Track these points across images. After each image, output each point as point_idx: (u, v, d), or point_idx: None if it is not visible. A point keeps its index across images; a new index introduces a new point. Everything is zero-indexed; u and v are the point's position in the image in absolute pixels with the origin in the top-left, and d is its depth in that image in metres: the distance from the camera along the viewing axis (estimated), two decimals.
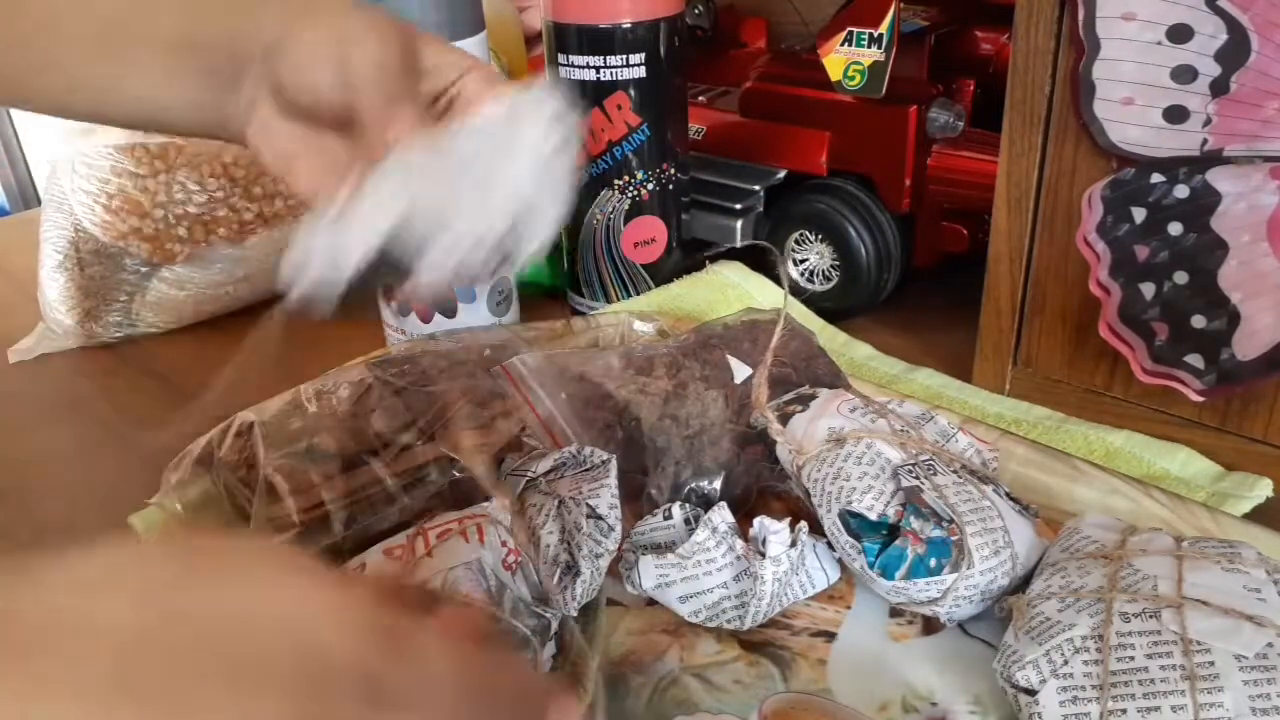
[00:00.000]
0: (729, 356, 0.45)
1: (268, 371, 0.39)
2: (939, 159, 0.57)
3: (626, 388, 0.43)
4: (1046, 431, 0.48)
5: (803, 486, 0.38)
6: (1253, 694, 0.28)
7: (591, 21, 0.55)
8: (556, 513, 0.38)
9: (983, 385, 0.52)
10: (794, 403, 0.41)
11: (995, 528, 0.35)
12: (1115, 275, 0.44)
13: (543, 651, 0.35)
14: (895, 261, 0.60)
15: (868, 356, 0.57)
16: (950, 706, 0.34)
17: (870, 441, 0.38)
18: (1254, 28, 0.39)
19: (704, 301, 0.60)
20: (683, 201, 0.62)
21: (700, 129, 0.66)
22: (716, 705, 0.34)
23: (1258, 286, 0.41)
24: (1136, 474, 0.43)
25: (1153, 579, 0.32)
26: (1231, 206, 0.41)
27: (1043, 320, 0.49)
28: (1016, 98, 0.46)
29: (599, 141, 0.58)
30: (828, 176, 0.60)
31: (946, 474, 0.37)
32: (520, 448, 0.42)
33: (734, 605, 0.37)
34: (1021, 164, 0.47)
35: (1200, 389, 0.43)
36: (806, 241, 0.62)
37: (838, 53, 0.55)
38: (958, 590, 0.35)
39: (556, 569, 0.37)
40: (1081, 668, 0.30)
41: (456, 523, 0.36)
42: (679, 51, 0.58)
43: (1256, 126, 0.40)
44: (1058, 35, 0.44)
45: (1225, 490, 0.43)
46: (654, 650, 0.37)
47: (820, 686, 0.35)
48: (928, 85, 0.57)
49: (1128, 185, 0.43)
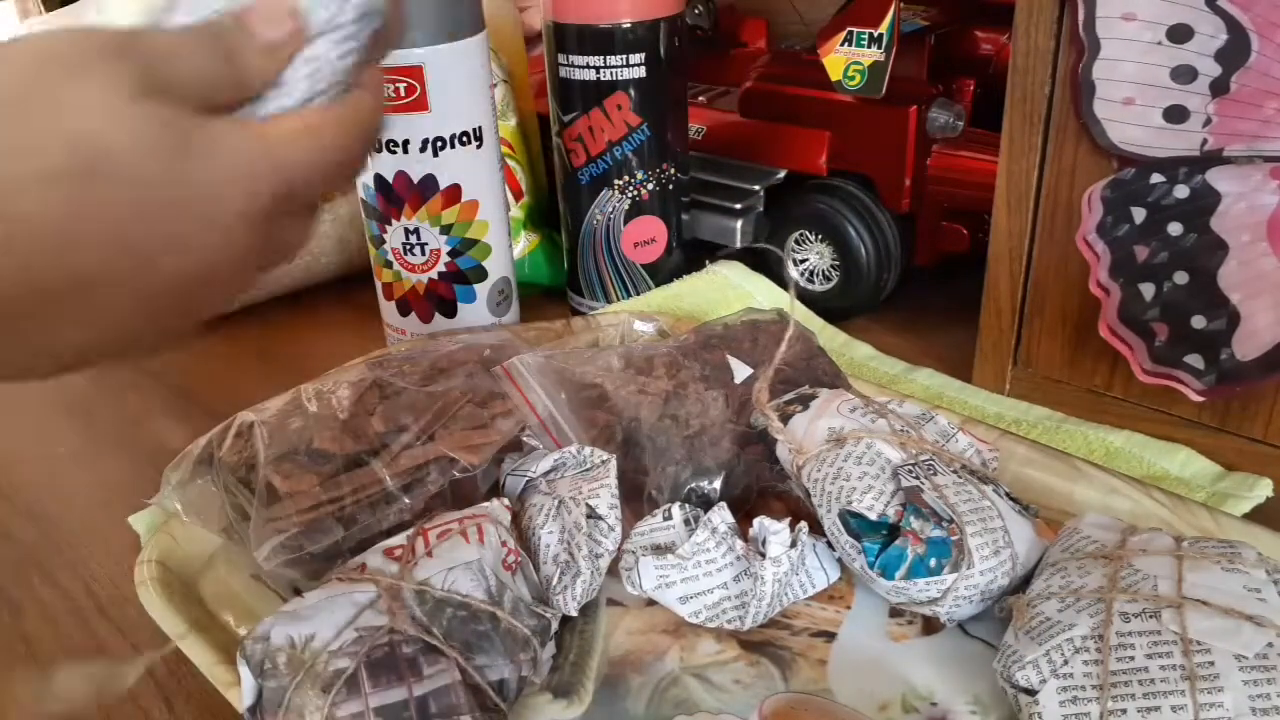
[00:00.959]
0: (729, 356, 0.45)
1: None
2: (939, 159, 0.57)
3: (626, 387, 0.43)
4: (1046, 431, 0.48)
5: (803, 486, 0.38)
6: (1253, 694, 0.28)
7: (591, 21, 0.55)
8: (556, 513, 0.38)
9: (983, 385, 0.52)
10: (794, 403, 0.41)
11: (995, 528, 0.35)
12: (1115, 275, 0.44)
13: (543, 651, 0.35)
14: (895, 261, 0.60)
15: (868, 356, 0.57)
16: (950, 706, 0.34)
17: (870, 441, 0.38)
18: (1254, 28, 0.39)
19: (704, 301, 0.60)
20: (683, 201, 0.62)
21: (700, 129, 0.66)
22: (716, 705, 0.34)
23: (1258, 286, 0.41)
24: (1136, 474, 0.43)
25: (1153, 579, 0.32)
26: (1231, 206, 0.41)
27: (1043, 320, 0.49)
28: (1016, 98, 0.46)
29: (599, 141, 0.58)
30: (828, 176, 0.60)
31: (946, 474, 0.37)
32: (520, 448, 0.42)
33: (734, 606, 0.37)
34: (1021, 164, 0.47)
35: (1200, 389, 0.43)
36: (806, 241, 0.62)
37: (838, 53, 0.55)
38: (958, 590, 0.35)
39: (556, 569, 0.37)
40: (1081, 668, 0.30)
41: (456, 523, 0.36)
42: (679, 51, 0.58)
43: (1256, 126, 0.40)
44: (1058, 35, 0.44)
45: (1225, 490, 0.43)
46: (654, 650, 0.37)
47: (820, 686, 0.35)
48: (928, 85, 0.57)
49: (1128, 185, 0.43)
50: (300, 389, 0.42)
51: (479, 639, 0.32)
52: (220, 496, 0.40)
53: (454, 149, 0.53)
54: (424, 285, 0.56)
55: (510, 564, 0.36)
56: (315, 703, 0.30)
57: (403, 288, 0.57)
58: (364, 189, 0.55)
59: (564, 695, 0.35)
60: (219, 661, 0.35)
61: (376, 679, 0.30)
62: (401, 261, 0.56)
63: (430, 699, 0.30)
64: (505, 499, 0.39)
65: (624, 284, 0.62)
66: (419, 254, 0.55)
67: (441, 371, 0.44)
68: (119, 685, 0.38)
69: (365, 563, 0.35)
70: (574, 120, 0.58)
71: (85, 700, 0.37)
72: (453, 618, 0.32)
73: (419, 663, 0.31)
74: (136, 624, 0.40)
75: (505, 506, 0.38)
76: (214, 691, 0.34)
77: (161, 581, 0.39)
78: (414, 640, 0.31)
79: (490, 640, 0.32)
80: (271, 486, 0.38)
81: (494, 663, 0.32)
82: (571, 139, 0.59)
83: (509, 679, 0.33)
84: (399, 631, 0.31)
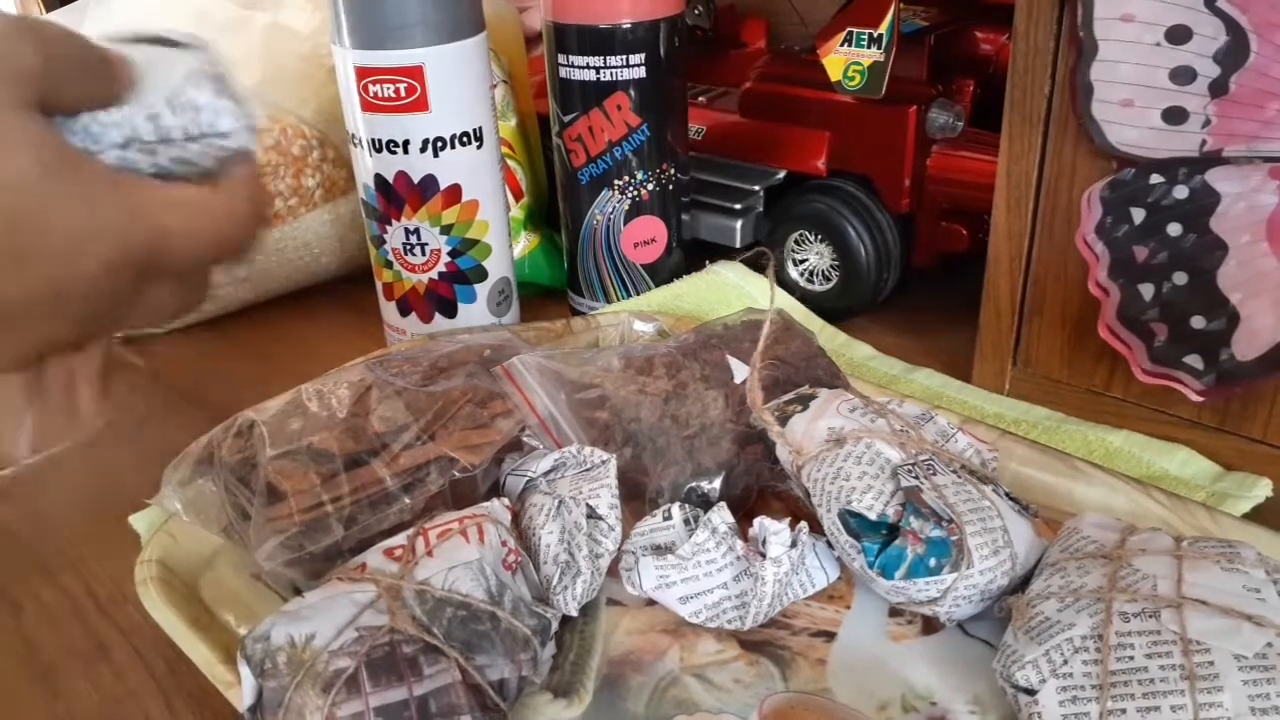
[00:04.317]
0: (729, 356, 0.45)
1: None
2: (938, 159, 0.57)
3: (626, 387, 0.43)
4: (1046, 431, 0.48)
5: (803, 486, 0.39)
6: (1252, 694, 0.28)
7: (591, 22, 0.55)
8: (556, 513, 0.38)
9: (982, 385, 0.52)
10: (794, 403, 0.41)
11: (995, 527, 0.35)
12: (1114, 276, 0.44)
13: (543, 651, 0.35)
14: (895, 261, 0.60)
15: (868, 356, 0.57)
16: (950, 706, 0.34)
17: (870, 441, 0.38)
18: (1253, 28, 0.39)
19: (704, 301, 0.60)
20: (683, 201, 0.62)
21: (700, 129, 0.66)
22: (716, 705, 0.34)
23: (1257, 287, 0.41)
24: (1136, 474, 0.43)
25: (1152, 579, 0.32)
26: (1231, 207, 0.41)
27: (1042, 320, 0.49)
28: (1016, 98, 0.46)
29: (599, 142, 0.58)
30: (827, 177, 0.60)
31: (946, 474, 0.37)
32: (520, 448, 0.42)
33: (734, 605, 0.37)
34: (1021, 164, 0.47)
35: (1200, 389, 0.43)
36: (806, 241, 0.62)
37: (837, 53, 0.55)
38: (957, 590, 0.35)
39: (557, 569, 0.37)
40: (1081, 667, 0.30)
41: (456, 523, 0.36)
42: (679, 51, 0.58)
43: (1256, 127, 0.40)
44: (1058, 35, 0.44)
45: (1225, 490, 0.43)
46: (654, 650, 0.37)
47: (820, 686, 0.35)
48: (927, 85, 0.57)
49: (1127, 186, 0.43)
50: (301, 389, 0.42)
51: (479, 639, 0.32)
52: (220, 496, 0.40)
53: (454, 149, 0.53)
54: (424, 285, 0.56)
55: (510, 564, 0.36)
56: (315, 702, 0.30)
57: (403, 288, 0.57)
58: (364, 189, 0.55)
59: (564, 695, 0.35)
60: (219, 661, 0.35)
61: (377, 679, 0.30)
62: (402, 261, 0.56)
63: (430, 699, 0.30)
64: (505, 499, 0.39)
65: (624, 284, 0.62)
66: (419, 254, 0.55)
67: (441, 371, 0.44)
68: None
69: (365, 562, 0.35)
70: (574, 120, 0.58)
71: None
72: (453, 617, 0.32)
73: (419, 662, 0.31)
74: (136, 624, 0.41)
75: (505, 506, 0.38)
76: (214, 691, 0.34)
77: (161, 581, 0.39)
78: (414, 640, 0.31)
79: (490, 640, 0.32)
80: (272, 486, 0.38)
81: (494, 662, 0.32)
82: (571, 139, 0.59)
83: (509, 679, 0.33)
84: (399, 631, 0.31)
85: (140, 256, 0.26)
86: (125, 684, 0.39)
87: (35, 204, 0.23)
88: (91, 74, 0.26)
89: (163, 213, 0.26)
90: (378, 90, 0.51)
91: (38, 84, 0.24)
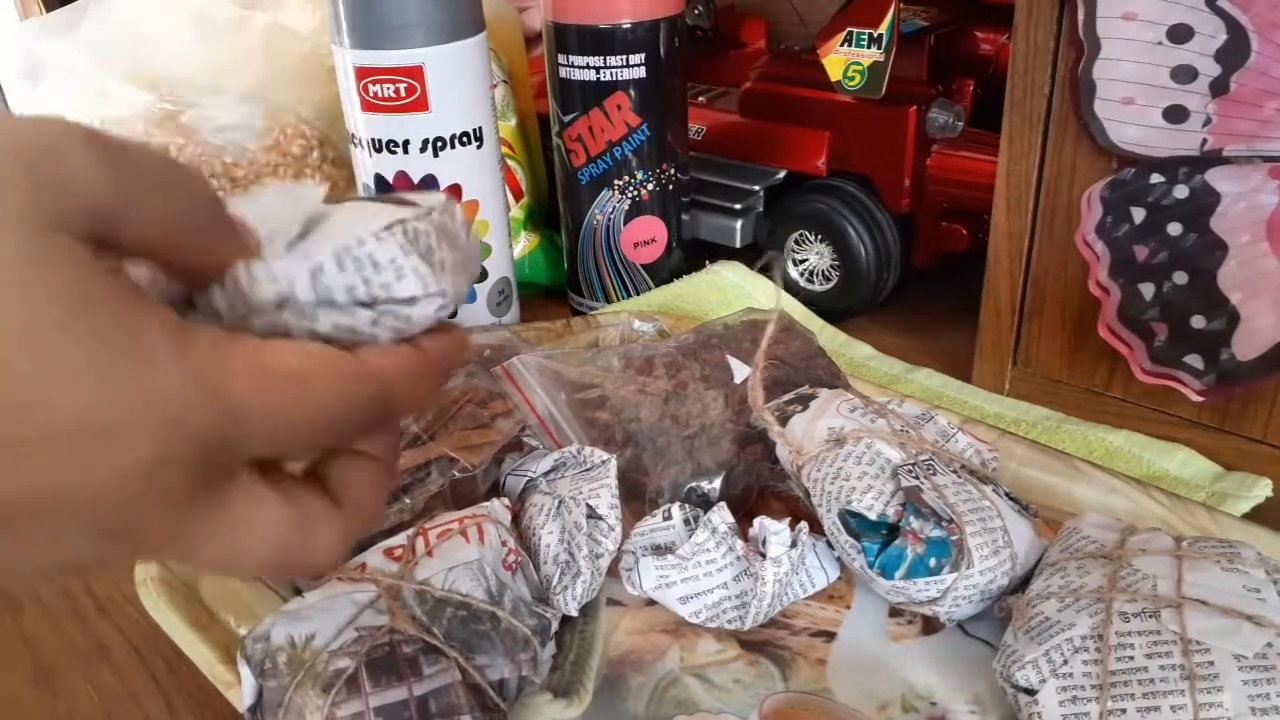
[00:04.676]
0: (729, 356, 0.45)
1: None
2: (938, 159, 0.57)
3: (626, 387, 0.43)
4: (1046, 431, 0.48)
5: (803, 486, 0.39)
6: (1252, 694, 0.28)
7: (591, 22, 0.55)
8: (556, 513, 0.38)
9: (982, 385, 0.52)
10: (794, 403, 0.41)
11: (995, 528, 0.35)
12: (1115, 276, 0.44)
13: (543, 651, 0.35)
14: (895, 261, 0.60)
15: (868, 356, 0.57)
16: (950, 706, 0.34)
17: (870, 441, 0.38)
18: (1254, 28, 0.39)
19: (704, 301, 0.60)
20: (683, 201, 0.62)
21: (700, 129, 0.66)
22: (716, 705, 0.34)
23: (1257, 287, 0.41)
24: (1136, 474, 0.43)
25: (1152, 579, 0.32)
26: (1231, 207, 0.41)
27: (1042, 320, 0.49)
28: (1016, 98, 0.46)
29: (599, 142, 0.58)
30: (827, 177, 0.60)
31: (946, 474, 0.37)
32: (520, 448, 0.42)
33: (734, 605, 0.37)
34: (1021, 164, 0.47)
35: (1200, 389, 0.43)
36: (806, 242, 0.62)
37: (837, 53, 0.55)
38: (957, 590, 0.35)
39: (557, 569, 0.37)
40: (1081, 667, 0.30)
41: (456, 523, 0.36)
42: (679, 51, 0.58)
43: (1256, 126, 0.40)
44: (1058, 35, 0.44)
45: (1224, 490, 0.43)
46: (654, 650, 0.37)
47: (820, 686, 0.35)
48: (927, 85, 0.57)
49: (1127, 185, 0.43)
50: None
51: (479, 639, 0.32)
52: None
53: (454, 149, 0.53)
54: None
55: (510, 564, 0.36)
56: (315, 702, 0.30)
57: None
58: (364, 189, 0.55)
59: (564, 695, 0.35)
60: (219, 661, 0.35)
61: (376, 679, 0.30)
62: None
63: (430, 699, 0.30)
64: (505, 499, 0.39)
65: (624, 284, 0.62)
66: None
67: None
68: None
69: (365, 563, 0.35)
70: (574, 120, 0.58)
71: None
72: (453, 617, 0.32)
73: (419, 662, 0.31)
74: (136, 624, 0.40)
75: (505, 506, 0.38)
76: (214, 691, 0.34)
77: (161, 581, 0.39)
78: (414, 640, 0.31)
79: (490, 640, 0.32)
80: None
81: (494, 662, 0.32)
82: (571, 139, 0.59)
83: (509, 679, 0.33)
84: (399, 631, 0.31)
85: (212, 446, 0.18)
86: (125, 684, 0.39)
87: (30, 367, 0.16)
88: (191, 225, 0.19)
89: (254, 387, 0.19)
90: (378, 90, 0.51)
91: (94, 208, 0.17)
